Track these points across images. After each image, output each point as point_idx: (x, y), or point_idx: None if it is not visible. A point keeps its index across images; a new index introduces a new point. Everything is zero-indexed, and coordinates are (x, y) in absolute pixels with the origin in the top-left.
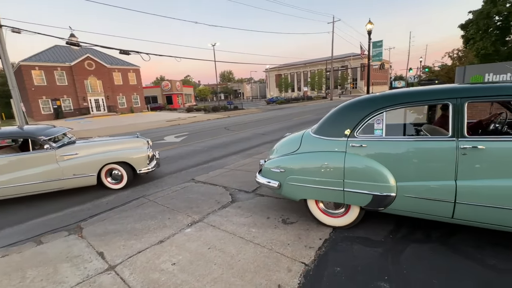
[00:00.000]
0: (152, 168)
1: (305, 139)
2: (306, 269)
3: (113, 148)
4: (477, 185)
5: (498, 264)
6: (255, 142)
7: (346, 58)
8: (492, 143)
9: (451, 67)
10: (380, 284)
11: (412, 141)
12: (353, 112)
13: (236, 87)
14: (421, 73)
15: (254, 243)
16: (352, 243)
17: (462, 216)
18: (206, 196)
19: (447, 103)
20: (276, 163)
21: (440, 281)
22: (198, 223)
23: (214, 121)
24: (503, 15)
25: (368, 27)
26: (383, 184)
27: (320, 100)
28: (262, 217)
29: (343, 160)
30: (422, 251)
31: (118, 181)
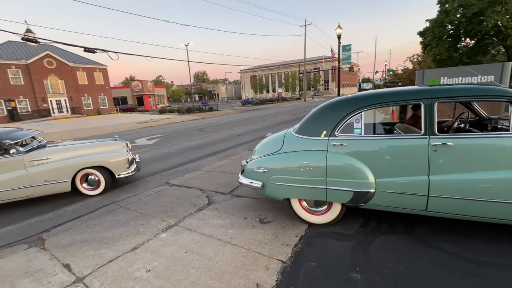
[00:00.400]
0: (132, 172)
1: (287, 139)
2: (283, 266)
3: (89, 151)
4: (447, 179)
5: (452, 248)
6: (231, 143)
7: (318, 61)
8: (459, 140)
9: (412, 70)
10: (353, 275)
11: (389, 139)
12: (333, 112)
13: (211, 88)
14: (386, 76)
15: (232, 244)
16: (326, 238)
17: (435, 208)
18: (182, 199)
19: (420, 103)
20: (258, 163)
21: (405, 267)
22: (173, 227)
23: (188, 122)
24: (454, 24)
25: (337, 31)
26: (363, 181)
27: (294, 101)
28: (239, 218)
29: (325, 159)
30: (389, 241)
31: (95, 187)
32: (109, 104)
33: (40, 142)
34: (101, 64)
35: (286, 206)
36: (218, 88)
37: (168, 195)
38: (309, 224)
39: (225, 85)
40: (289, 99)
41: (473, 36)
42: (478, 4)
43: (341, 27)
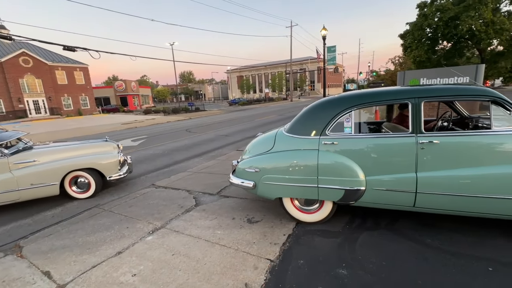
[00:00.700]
0: (124, 174)
1: (278, 138)
2: (272, 265)
3: (79, 153)
4: (433, 175)
5: (432, 242)
6: (218, 144)
7: (304, 61)
8: (444, 138)
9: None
10: (339, 271)
11: (378, 137)
12: (324, 111)
13: (197, 88)
14: (370, 76)
15: (220, 245)
16: (313, 236)
17: (422, 204)
18: (168, 201)
19: (407, 102)
20: (250, 163)
21: (389, 261)
22: (160, 229)
23: (174, 123)
24: (432, 28)
25: (322, 33)
26: (354, 179)
27: (281, 101)
28: (227, 219)
29: (317, 158)
30: (373, 237)
31: (85, 190)
32: (91, 105)
33: (26, 144)
34: (82, 63)
35: (274, 206)
36: (205, 88)
37: (154, 197)
38: (297, 222)
39: (211, 85)
40: (276, 99)
41: (449, 39)
42: (454, 9)
43: (326, 28)
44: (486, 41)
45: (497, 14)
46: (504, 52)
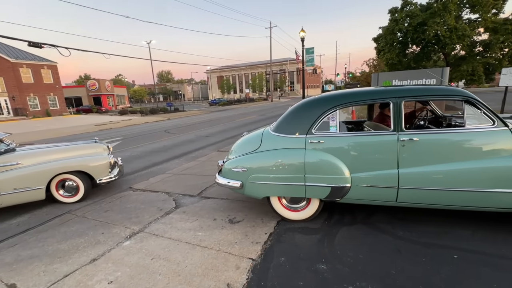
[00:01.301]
0: (115, 176)
1: (265, 137)
2: (254, 264)
3: (66, 155)
4: (414, 171)
5: (404, 234)
6: (198, 145)
7: (283, 62)
8: (423, 136)
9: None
10: (319, 266)
11: (362, 135)
12: (310, 110)
13: (176, 88)
14: (347, 78)
15: (201, 246)
16: (294, 233)
17: (404, 199)
18: (147, 204)
19: (389, 101)
20: (237, 162)
21: (365, 254)
22: (138, 234)
23: (152, 124)
24: (403, 32)
25: (301, 34)
26: (340, 177)
27: (262, 102)
28: (208, 220)
29: (304, 156)
30: (350, 232)
31: (73, 194)
32: (61, 105)
33: (9, 146)
34: (50, 60)
35: (255, 205)
36: (184, 88)
37: (132, 201)
38: (278, 220)
39: (191, 85)
40: (257, 99)
41: (418, 44)
42: (421, 15)
43: (304, 30)
44: (450, 46)
45: (459, 21)
46: (465, 57)
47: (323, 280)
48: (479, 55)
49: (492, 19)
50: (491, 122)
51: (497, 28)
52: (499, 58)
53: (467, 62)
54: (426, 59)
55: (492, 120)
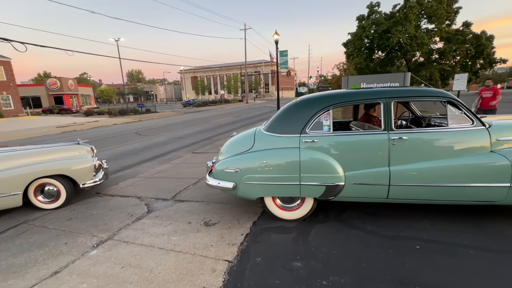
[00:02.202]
0: (100, 180)
1: (258, 137)
2: (230, 266)
3: (46, 158)
4: (403, 168)
5: (373, 228)
6: (172, 147)
7: (258, 64)
8: (412, 134)
9: (339, 76)
10: (294, 264)
11: (355, 135)
12: (303, 110)
13: (148, 89)
14: (319, 81)
15: (176, 251)
16: (270, 233)
17: (395, 195)
18: (116, 210)
19: (380, 101)
20: (229, 163)
21: (337, 249)
22: (106, 242)
23: (122, 125)
24: (370, 39)
25: (275, 37)
26: (334, 175)
27: (237, 103)
28: (183, 223)
29: (298, 156)
30: (324, 229)
31: (53, 199)
32: (16, 105)
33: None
34: (3, 56)
35: (231, 207)
36: (156, 89)
37: (99, 207)
38: (254, 221)
39: (163, 86)
40: (232, 101)
41: (383, 50)
42: (386, 23)
43: (278, 33)
44: (411, 52)
45: (419, 30)
46: (424, 63)
47: (298, 277)
48: (436, 62)
49: (446, 30)
50: (470, 122)
51: (450, 38)
52: (452, 65)
53: (426, 68)
54: (390, 64)
55: (472, 120)
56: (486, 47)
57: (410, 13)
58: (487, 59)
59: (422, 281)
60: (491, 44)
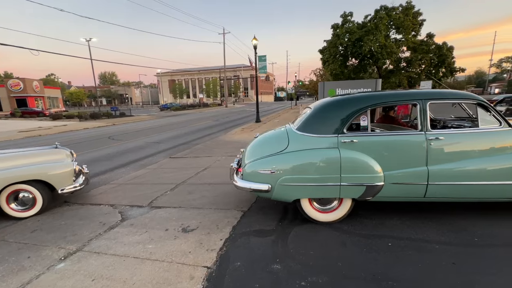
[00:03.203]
0: (80, 185)
1: (292, 137)
2: (209, 272)
3: (21, 162)
4: (441, 168)
5: (348, 228)
6: (148, 152)
7: (237, 69)
8: (447, 135)
9: (316, 82)
10: (274, 266)
11: (393, 135)
12: (341, 110)
13: (122, 91)
14: (296, 86)
15: (152, 259)
16: (249, 237)
17: (432, 194)
18: (86, 219)
19: (416, 103)
20: (263, 164)
21: (315, 250)
22: (75, 254)
23: (93, 130)
24: (344, 46)
25: (253, 42)
26: (374, 175)
27: (216, 107)
28: (159, 231)
29: (339, 156)
30: (302, 230)
31: (28, 207)
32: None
33: None
34: None
35: (210, 211)
36: (131, 92)
37: (67, 217)
38: (233, 226)
39: (139, 89)
40: (211, 104)
41: (356, 57)
42: (358, 32)
43: (256, 38)
44: (381, 60)
45: (388, 40)
46: (393, 70)
47: (278, 279)
48: (404, 70)
49: (412, 40)
50: (498, 123)
51: (416, 48)
52: (418, 72)
53: (395, 75)
54: (363, 71)
55: (499, 122)
56: (447, 57)
57: (380, 23)
58: (448, 68)
59: (393, 276)
60: (451, 54)
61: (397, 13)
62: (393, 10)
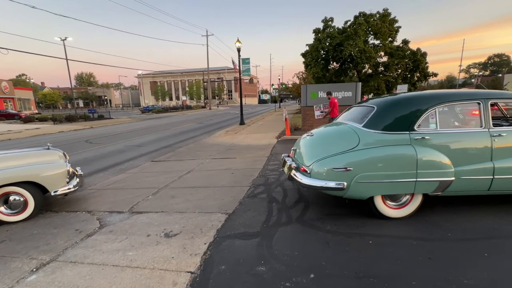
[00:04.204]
0: (74, 187)
1: (362, 135)
2: (193, 277)
3: (11, 164)
4: (505, 162)
5: (331, 228)
6: (129, 155)
7: (221, 71)
8: (509, 131)
9: (299, 85)
10: (259, 268)
11: (460, 132)
12: (412, 108)
13: (101, 93)
14: (280, 89)
15: (132, 267)
16: (234, 239)
17: (496, 188)
18: (61, 227)
19: (479, 102)
20: (336, 162)
21: (300, 251)
22: (49, 264)
23: (69, 133)
24: (325, 50)
25: (237, 45)
26: (447, 171)
27: (200, 109)
28: (141, 237)
29: (415, 152)
30: (287, 231)
31: (19, 210)
32: None
33: None
34: None
35: (193, 215)
36: (111, 93)
37: (40, 225)
38: (220, 227)
39: (119, 90)
40: (195, 107)
41: (337, 61)
42: (339, 37)
43: (240, 41)
44: (361, 65)
45: (367, 45)
46: (372, 74)
47: (263, 282)
48: (382, 74)
49: (389, 46)
50: None
51: (392, 53)
52: (395, 76)
53: (374, 79)
54: (344, 75)
55: None
56: (421, 62)
57: (359, 29)
58: (422, 73)
59: (375, 273)
60: (425, 60)
61: (375, 19)
62: (371, 16)
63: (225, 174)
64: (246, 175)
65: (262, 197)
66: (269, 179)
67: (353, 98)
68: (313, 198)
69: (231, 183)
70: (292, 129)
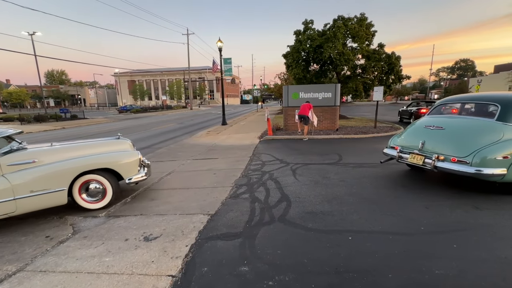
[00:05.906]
0: (145, 176)
1: (504, 129)
2: (174, 281)
3: (90, 152)
4: None
5: (312, 225)
6: None
7: (202, 70)
8: None
9: (280, 86)
10: (241, 269)
11: None
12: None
13: (74, 92)
14: (262, 89)
15: (109, 273)
16: (216, 241)
17: None
18: (29, 234)
19: None
20: (495, 152)
21: (282, 249)
22: (16, 275)
23: (38, 134)
24: (306, 52)
25: (218, 44)
26: None
27: (181, 110)
28: (118, 241)
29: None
30: (269, 231)
31: (99, 199)
32: None
33: (21, 144)
34: None
35: (174, 218)
36: (85, 92)
37: (5, 233)
38: (201, 230)
39: (94, 89)
40: (175, 107)
41: (317, 63)
42: (319, 39)
43: (221, 40)
44: (340, 67)
45: (345, 48)
46: (351, 76)
47: (246, 282)
48: (359, 76)
49: (366, 49)
50: None
51: (369, 56)
52: (372, 79)
53: (352, 81)
54: (324, 76)
55: None
56: (396, 65)
57: (338, 32)
58: (397, 75)
59: (354, 268)
60: (399, 63)
61: (353, 23)
62: (349, 20)
63: (207, 175)
64: (228, 175)
65: (245, 197)
66: (252, 179)
67: (332, 98)
68: (294, 197)
69: (213, 184)
70: (274, 129)
